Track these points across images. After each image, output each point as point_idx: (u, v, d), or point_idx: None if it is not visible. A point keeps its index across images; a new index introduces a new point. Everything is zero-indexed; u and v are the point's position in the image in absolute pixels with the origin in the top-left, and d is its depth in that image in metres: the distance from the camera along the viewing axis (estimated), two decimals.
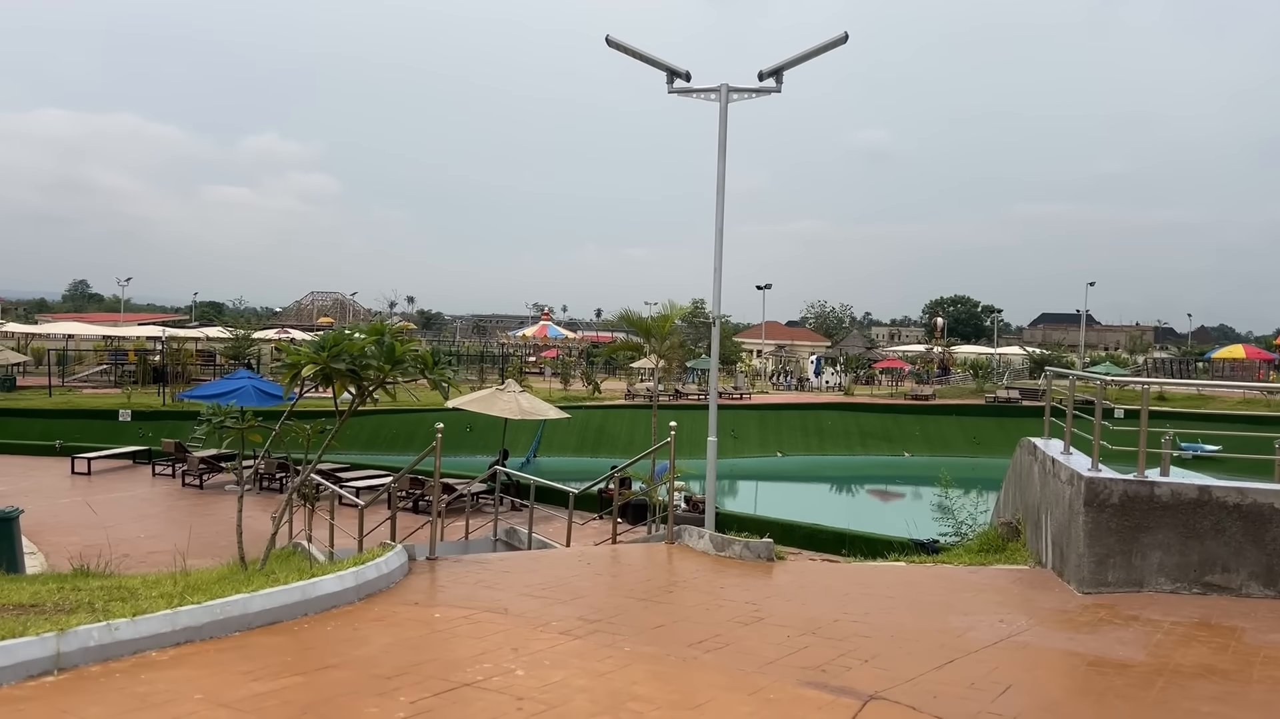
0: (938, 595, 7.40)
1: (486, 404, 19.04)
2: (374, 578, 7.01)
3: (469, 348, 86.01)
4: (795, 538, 17.46)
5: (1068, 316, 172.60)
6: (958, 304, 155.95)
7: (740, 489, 35.26)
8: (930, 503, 35.60)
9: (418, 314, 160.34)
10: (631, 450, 40.85)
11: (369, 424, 39.42)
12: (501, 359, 60.97)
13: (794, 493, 37.23)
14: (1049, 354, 79.44)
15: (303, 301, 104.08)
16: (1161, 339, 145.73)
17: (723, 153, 13.53)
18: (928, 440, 45.64)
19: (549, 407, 20.06)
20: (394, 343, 7.86)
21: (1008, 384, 60.93)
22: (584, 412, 41.61)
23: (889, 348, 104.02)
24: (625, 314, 12.07)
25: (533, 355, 74.35)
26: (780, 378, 68.70)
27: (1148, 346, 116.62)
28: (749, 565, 8.41)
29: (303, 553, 11.43)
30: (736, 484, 36.75)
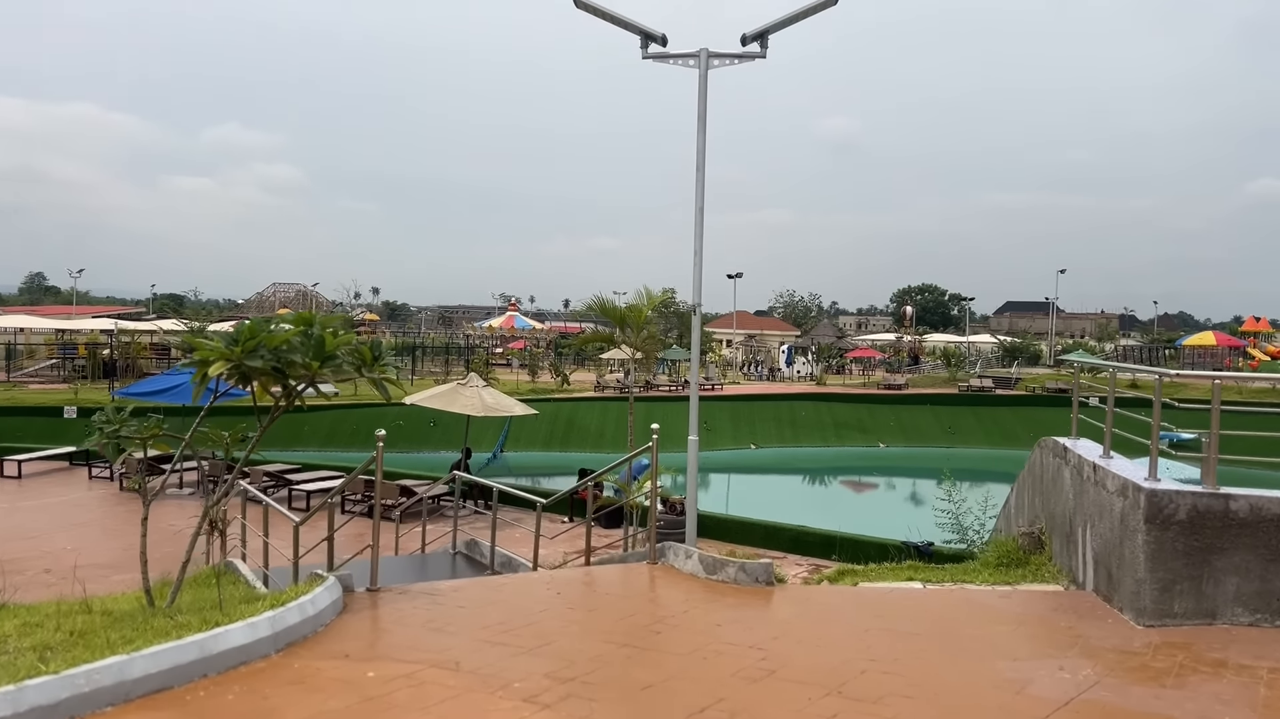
0: (972, 629, 6.25)
1: (447, 400, 17.72)
2: (296, 623, 5.73)
3: (434, 339, 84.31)
4: (780, 541, 16.34)
5: (1033, 304, 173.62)
6: (925, 293, 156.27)
7: (714, 483, 34.13)
8: (911, 497, 34.89)
9: (383, 305, 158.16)
10: (602, 444, 39.69)
11: (326, 419, 37.87)
12: (467, 351, 59.42)
13: (770, 487, 36.24)
14: (1019, 342, 79.20)
15: (264, 293, 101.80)
16: (1124, 327, 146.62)
17: (702, 125, 12.31)
18: (903, 431, 44.82)
19: (515, 402, 18.77)
20: (324, 335, 6.55)
21: (980, 373, 60.27)
22: (552, 404, 40.33)
23: (858, 337, 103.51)
24: (597, 302, 10.92)
25: (500, 347, 72.86)
26: (751, 368, 67.71)
27: (1114, 334, 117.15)
28: (745, 592, 7.22)
29: (233, 575, 10.08)
30: (710, 478, 35.62)
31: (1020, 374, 58.87)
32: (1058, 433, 35.20)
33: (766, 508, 27.36)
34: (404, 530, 14.55)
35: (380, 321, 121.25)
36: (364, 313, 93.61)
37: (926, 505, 32.47)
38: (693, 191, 11.86)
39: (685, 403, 41.55)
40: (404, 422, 37.38)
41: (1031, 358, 71.53)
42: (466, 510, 18.44)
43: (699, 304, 12.04)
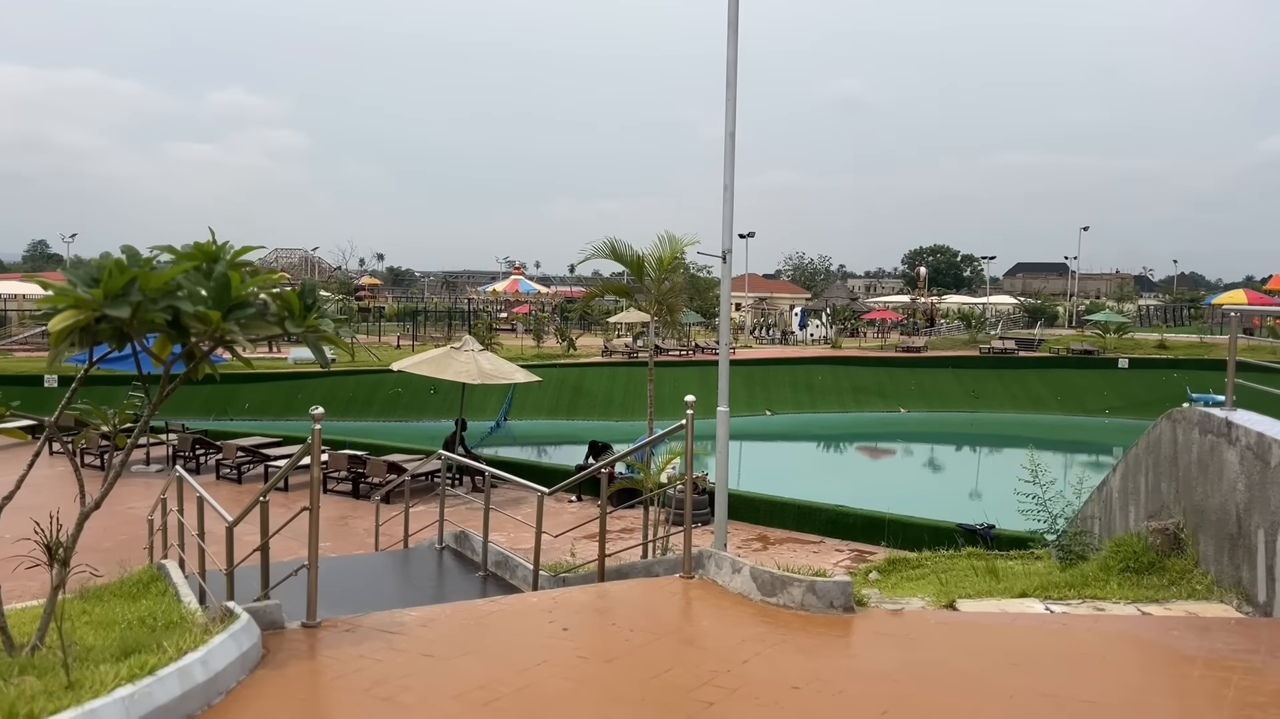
0: (1168, 696, 4.31)
1: (438, 367, 15.79)
2: (170, 700, 3.81)
3: (437, 304, 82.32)
4: (816, 522, 14.44)
5: (1045, 265, 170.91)
6: (937, 254, 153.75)
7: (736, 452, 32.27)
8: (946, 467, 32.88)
9: (387, 271, 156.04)
10: (610, 412, 37.83)
11: (322, 387, 36.02)
12: (471, 315, 57.44)
13: (789, 456, 34.34)
14: (1040, 303, 77.03)
15: (266, 259, 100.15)
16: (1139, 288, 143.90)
17: (734, 29, 10.25)
18: (924, 395, 42.91)
19: (515, 368, 16.81)
20: (231, 274, 4.58)
21: (1001, 334, 58.21)
22: (558, 370, 38.42)
23: (870, 299, 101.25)
24: (608, 245, 9.03)
25: (504, 312, 70.88)
26: (763, 331, 65.65)
27: (1133, 294, 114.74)
28: (817, 622, 5.29)
29: (163, 584, 8.16)
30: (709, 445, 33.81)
31: (1043, 335, 56.81)
32: (1091, 398, 33.25)
33: (788, 480, 25.49)
34: (389, 515, 12.67)
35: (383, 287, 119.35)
36: (364, 277, 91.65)
37: (965, 476, 30.72)
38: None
39: (698, 367, 39.71)
40: (402, 389, 35.53)
41: (1049, 319, 69.40)
42: (462, 490, 16.57)
43: (729, 250, 10.04)
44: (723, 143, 9.79)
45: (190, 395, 34.42)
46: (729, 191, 10.17)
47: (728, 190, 10.17)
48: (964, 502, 23.20)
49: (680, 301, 11.28)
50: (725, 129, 10.18)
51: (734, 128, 10.21)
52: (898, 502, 23.12)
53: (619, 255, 9.26)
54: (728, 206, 10.19)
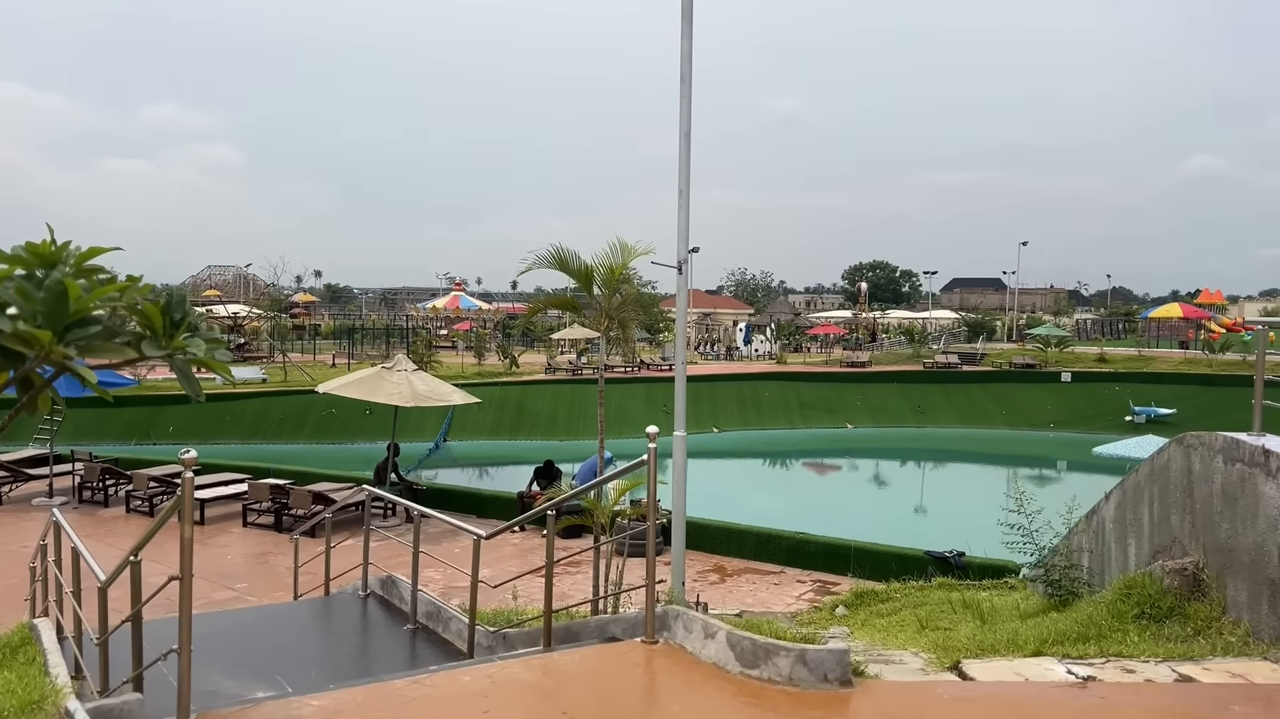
0: None
1: (369, 388, 14.63)
2: None
3: (375, 321, 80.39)
4: (776, 551, 13.54)
5: (981, 280, 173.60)
6: (876, 269, 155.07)
7: None
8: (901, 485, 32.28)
9: (325, 288, 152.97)
10: (554, 431, 36.68)
11: (250, 408, 34.38)
12: (409, 332, 55.91)
13: (739, 475, 33.52)
14: (981, 318, 77.63)
15: (199, 276, 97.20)
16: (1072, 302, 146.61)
17: (688, 22, 9.39)
18: (870, 410, 42.48)
19: (452, 388, 15.71)
20: (67, 283, 3.53)
21: (944, 349, 58.25)
22: (500, 389, 37.21)
23: (813, 314, 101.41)
24: (554, 253, 8.09)
25: (444, 329, 69.35)
26: (707, 347, 65.08)
27: (1069, 309, 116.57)
28: (811, 702, 4.36)
29: (33, 649, 6.95)
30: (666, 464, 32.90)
31: (985, 350, 56.97)
32: (1035, 411, 32.84)
33: (740, 502, 24.66)
34: (314, 552, 11.45)
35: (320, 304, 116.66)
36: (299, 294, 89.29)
37: (921, 494, 30.12)
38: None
39: (644, 385, 38.61)
40: (335, 410, 34.04)
41: (988, 333, 69.86)
42: (394, 522, 15.40)
43: (686, 260, 9.14)
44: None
45: (110, 418, 32.63)
46: (684, 197, 9.29)
47: (683, 195, 9.29)
48: (924, 523, 22.63)
49: (634, 316, 10.31)
50: (679, 129, 9.31)
51: (689, 127, 9.34)
52: (855, 523, 22.37)
53: (565, 265, 8.31)
54: (683, 213, 9.31)
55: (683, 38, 9.41)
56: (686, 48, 9.39)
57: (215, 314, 54.59)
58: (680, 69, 9.40)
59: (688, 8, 9.42)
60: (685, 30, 9.37)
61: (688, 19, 9.39)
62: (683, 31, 9.40)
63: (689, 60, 9.39)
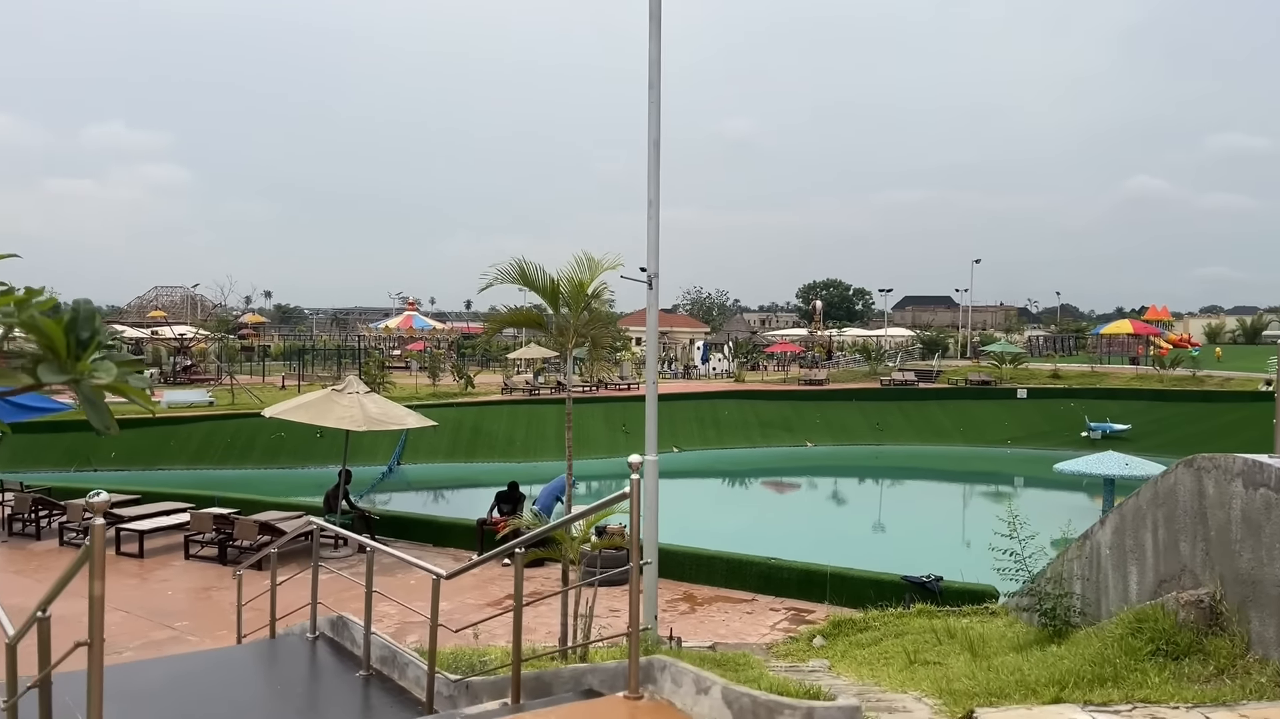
0: None
1: (318, 412, 13.90)
2: None
3: (326, 341, 79.05)
4: (748, 578, 13.01)
5: (932, 299, 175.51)
6: (830, 288, 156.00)
7: None
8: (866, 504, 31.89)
9: (275, 309, 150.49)
10: (511, 452, 35.92)
11: (198, 432, 33.23)
12: (361, 353, 54.84)
13: (701, 496, 32.96)
14: (936, 335, 78.14)
15: (145, 297, 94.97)
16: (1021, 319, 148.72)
17: (656, 24, 8.92)
18: (829, 428, 42.27)
19: (406, 411, 15.02)
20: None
21: (900, 366, 58.41)
22: (455, 410, 36.38)
23: (769, 332, 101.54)
24: (517, 266, 7.51)
25: (397, 349, 68.23)
26: (664, 365, 64.69)
27: (1020, 326, 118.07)
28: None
29: None
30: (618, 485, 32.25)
31: (941, 367, 57.20)
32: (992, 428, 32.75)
33: (703, 523, 24.15)
34: (260, 587, 10.70)
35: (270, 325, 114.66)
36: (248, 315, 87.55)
37: (887, 513, 29.71)
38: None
39: (602, 404, 38.03)
40: (285, 433, 33.01)
41: (942, 350, 70.32)
42: (345, 552, 14.65)
43: (656, 274, 8.65)
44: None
45: (49, 444, 31.30)
46: (654, 207, 8.80)
47: (652, 205, 8.80)
48: (893, 544, 22.27)
49: (604, 334, 9.77)
50: (648, 137, 8.83)
51: (658, 135, 8.86)
52: (824, 546, 21.94)
53: (529, 280, 7.75)
54: (652, 224, 8.81)
55: (650, 40, 8.95)
56: (654, 52, 8.93)
57: (161, 335, 53.16)
58: (648, 74, 8.93)
59: (655, 9, 8.97)
60: (653, 33, 8.91)
61: (656, 21, 8.93)
62: (650, 34, 8.94)
63: (657, 65, 8.93)
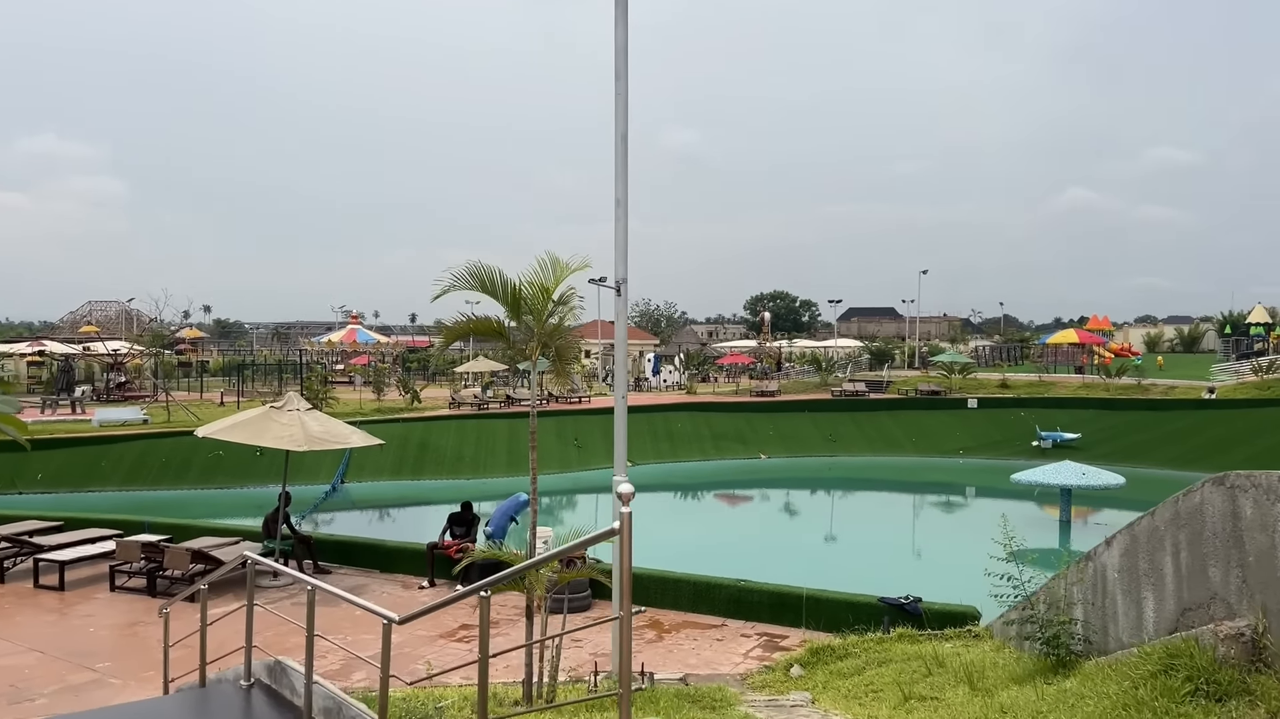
0: None
1: (255, 431, 12.95)
2: None
3: (267, 356, 76.97)
4: (717, 602, 12.32)
5: (876, 310, 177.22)
6: (777, 299, 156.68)
7: (589, 509, 29.99)
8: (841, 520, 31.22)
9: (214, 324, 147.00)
10: (460, 469, 34.89)
11: (131, 451, 31.73)
12: (303, 368, 53.28)
13: (656, 511, 32.18)
14: (885, 346, 78.51)
15: (79, 312, 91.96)
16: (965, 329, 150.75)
17: (622, 4, 8.25)
18: (783, 440, 41.90)
19: (350, 429, 14.11)
20: None
21: (850, 377, 58.39)
22: (401, 425, 35.30)
23: (717, 344, 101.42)
24: (475, 271, 6.76)
25: (340, 363, 66.62)
26: (605, 377, 64.01)
27: (964, 337, 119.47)
28: None
29: None
30: (580, 501, 31.50)
31: (891, 377, 57.27)
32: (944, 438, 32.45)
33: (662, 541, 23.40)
34: (187, 628, 9.77)
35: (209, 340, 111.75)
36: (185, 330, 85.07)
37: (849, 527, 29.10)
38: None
39: (551, 418, 37.13)
40: (223, 451, 31.68)
41: (891, 361, 70.60)
42: (285, 582, 13.68)
43: (624, 280, 7.95)
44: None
45: None
46: (622, 207, 8.12)
47: (620, 205, 8.12)
48: (860, 559, 21.76)
49: (573, 345, 9.03)
50: (615, 131, 8.15)
51: (625, 129, 8.19)
52: (789, 563, 21.36)
53: (488, 286, 7.00)
54: (620, 225, 8.13)
55: (616, 27, 8.28)
56: (621, 39, 8.26)
57: (94, 351, 51.15)
58: (615, 64, 8.26)
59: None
60: (620, 18, 8.24)
61: (622, 6, 8.27)
62: (616, 19, 8.27)
63: (624, 54, 8.26)
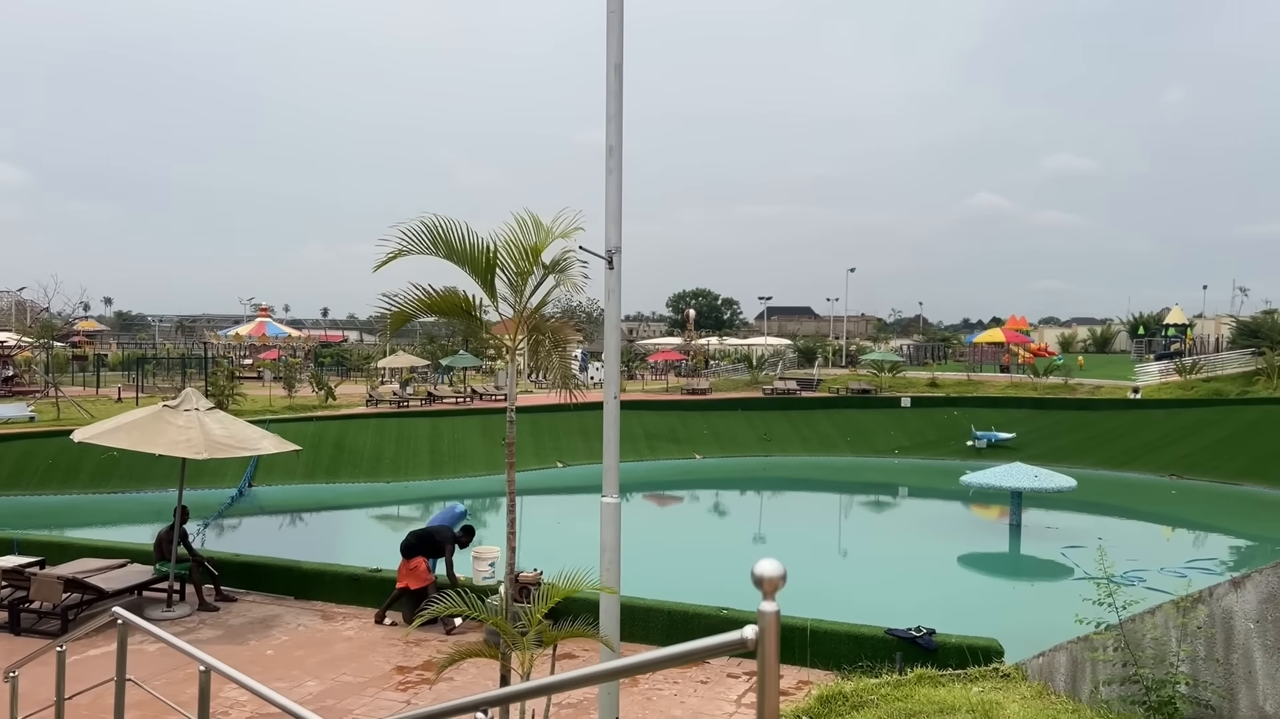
0: None
1: (145, 435, 10.80)
2: None
3: (170, 350, 72.96)
4: (695, 633, 10.53)
5: (795, 309, 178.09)
6: (699, 297, 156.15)
7: (528, 516, 28.07)
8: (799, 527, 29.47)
9: (115, 316, 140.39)
10: (379, 471, 32.55)
11: (12, 452, 28.72)
12: (208, 362, 50.04)
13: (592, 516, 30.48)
14: (813, 344, 77.95)
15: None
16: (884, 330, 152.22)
17: None
18: (717, 439, 40.59)
19: (260, 433, 12.00)
20: None
21: (781, 375, 57.40)
22: (315, 424, 32.88)
23: (643, 341, 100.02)
24: (435, 230, 5.16)
25: (249, 358, 63.27)
26: (540, 375, 62.02)
27: (884, 336, 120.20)
28: None
29: None
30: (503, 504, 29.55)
31: (821, 375, 56.48)
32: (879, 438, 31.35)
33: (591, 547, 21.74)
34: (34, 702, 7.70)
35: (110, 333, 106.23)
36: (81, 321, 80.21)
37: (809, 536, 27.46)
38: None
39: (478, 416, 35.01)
40: (118, 451, 28.98)
41: (823, 359, 70.02)
42: (183, 612, 11.55)
43: (617, 249, 6.25)
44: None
45: None
46: (615, 156, 6.40)
47: (613, 154, 6.39)
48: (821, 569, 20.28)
49: (568, 329, 7.26)
50: (607, 60, 6.42)
51: (620, 57, 6.46)
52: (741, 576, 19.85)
53: (448, 247, 5.22)
54: (613, 180, 6.41)
55: None
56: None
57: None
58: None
59: None
60: None
61: None
62: None
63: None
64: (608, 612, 7.06)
